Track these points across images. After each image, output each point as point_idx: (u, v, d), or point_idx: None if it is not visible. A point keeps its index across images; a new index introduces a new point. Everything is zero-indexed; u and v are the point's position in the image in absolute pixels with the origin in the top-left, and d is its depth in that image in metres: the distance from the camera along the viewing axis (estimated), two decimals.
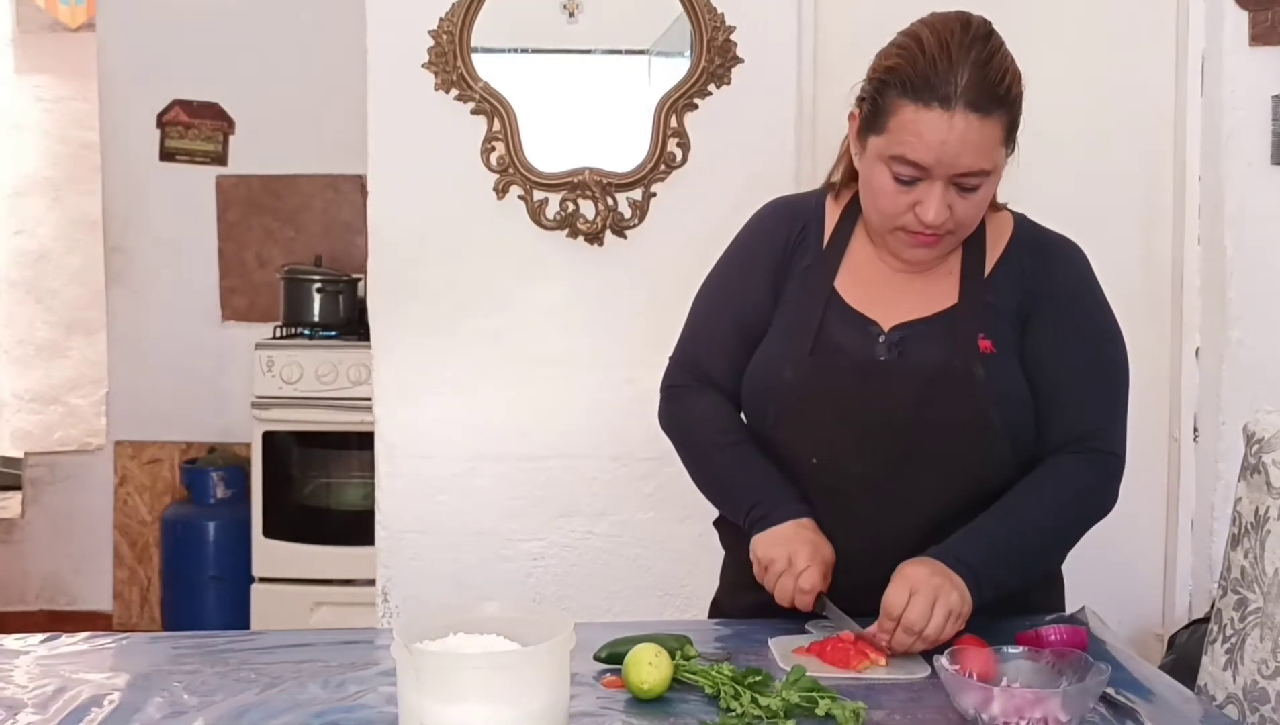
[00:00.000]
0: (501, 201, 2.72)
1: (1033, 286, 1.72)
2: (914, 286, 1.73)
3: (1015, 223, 1.78)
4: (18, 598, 4.70)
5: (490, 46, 2.71)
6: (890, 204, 1.64)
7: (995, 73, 1.58)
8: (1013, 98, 1.61)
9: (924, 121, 1.57)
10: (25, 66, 5.36)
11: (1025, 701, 1.32)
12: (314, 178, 4.48)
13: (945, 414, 1.66)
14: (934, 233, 1.63)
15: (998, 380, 1.66)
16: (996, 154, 1.61)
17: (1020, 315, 1.71)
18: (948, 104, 1.56)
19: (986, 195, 1.64)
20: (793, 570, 1.63)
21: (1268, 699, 1.63)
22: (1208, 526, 2.72)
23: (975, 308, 1.69)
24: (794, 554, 1.64)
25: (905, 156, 1.59)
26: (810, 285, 1.75)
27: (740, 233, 1.88)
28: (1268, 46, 2.65)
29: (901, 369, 1.68)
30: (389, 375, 2.75)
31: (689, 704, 1.43)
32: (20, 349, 5.38)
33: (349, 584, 3.91)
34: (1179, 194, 2.79)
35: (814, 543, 1.66)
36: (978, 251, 1.73)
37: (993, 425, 1.66)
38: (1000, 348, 1.67)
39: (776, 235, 1.80)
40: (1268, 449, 1.71)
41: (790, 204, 1.87)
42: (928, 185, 1.60)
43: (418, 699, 1.26)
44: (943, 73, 1.56)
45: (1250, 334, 2.69)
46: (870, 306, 1.72)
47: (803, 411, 1.71)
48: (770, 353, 1.75)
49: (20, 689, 1.49)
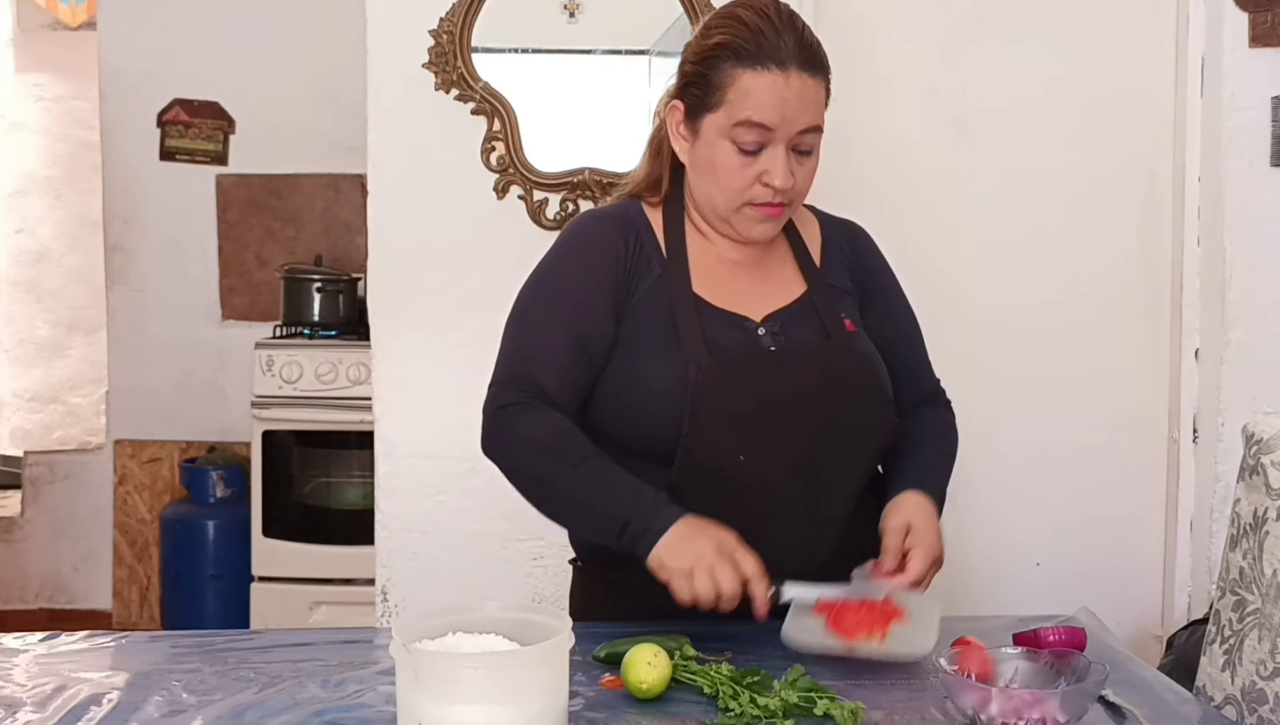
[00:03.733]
0: (501, 201, 2.72)
1: (856, 269, 1.85)
2: (761, 278, 1.78)
3: (814, 213, 1.89)
4: (17, 597, 4.71)
5: (490, 46, 2.71)
6: (736, 178, 1.69)
7: (811, 39, 1.70)
8: (827, 64, 1.71)
9: (764, 83, 1.65)
10: (26, 65, 5.36)
11: (1023, 702, 1.32)
12: (314, 177, 4.49)
13: (843, 386, 1.72)
14: (779, 202, 1.70)
15: (868, 351, 1.77)
16: (823, 114, 1.71)
17: (855, 295, 1.84)
18: (783, 65, 1.65)
19: (815, 163, 1.73)
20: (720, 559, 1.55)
21: (1266, 700, 1.63)
22: (1207, 528, 2.72)
23: (824, 292, 1.79)
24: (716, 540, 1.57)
25: (751, 119, 1.65)
26: (671, 293, 1.72)
27: (563, 246, 1.80)
28: (1267, 48, 2.65)
29: (793, 353, 1.73)
30: (389, 375, 2.75)
31: (687, 704, 1.44)
32: (20, 348, 5.38)
33: (348, 583, 3.92)
34: (1179, 195, 2.79)
35: (716, 529, 1.59)
36: (799, 240, 1.83)
37: (878, 392, 1.75)
38: (857, 326, 1.79)
39: (612, 248, 1.74)
40: (1266, 450, 1.71)
41: (613, 216, 1.80)
42: (771, 152, 1.67)
43: (416, 698, 1.26)
44: (772, 39, 1.66)
45: (1250, 335, 2.69)
46: (734, 303, 1.75)
47: (718, 412, 1.66)
48: (655, 362, 1.69)
49: (19, 688, 1.50)
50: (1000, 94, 2.80)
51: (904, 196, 2.76)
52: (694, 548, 1.57)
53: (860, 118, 2.62)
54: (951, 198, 2.78)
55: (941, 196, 2.79)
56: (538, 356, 1.73)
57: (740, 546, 1.58)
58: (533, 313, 1.77)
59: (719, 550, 1.57)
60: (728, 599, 1.56)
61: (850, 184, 1.95)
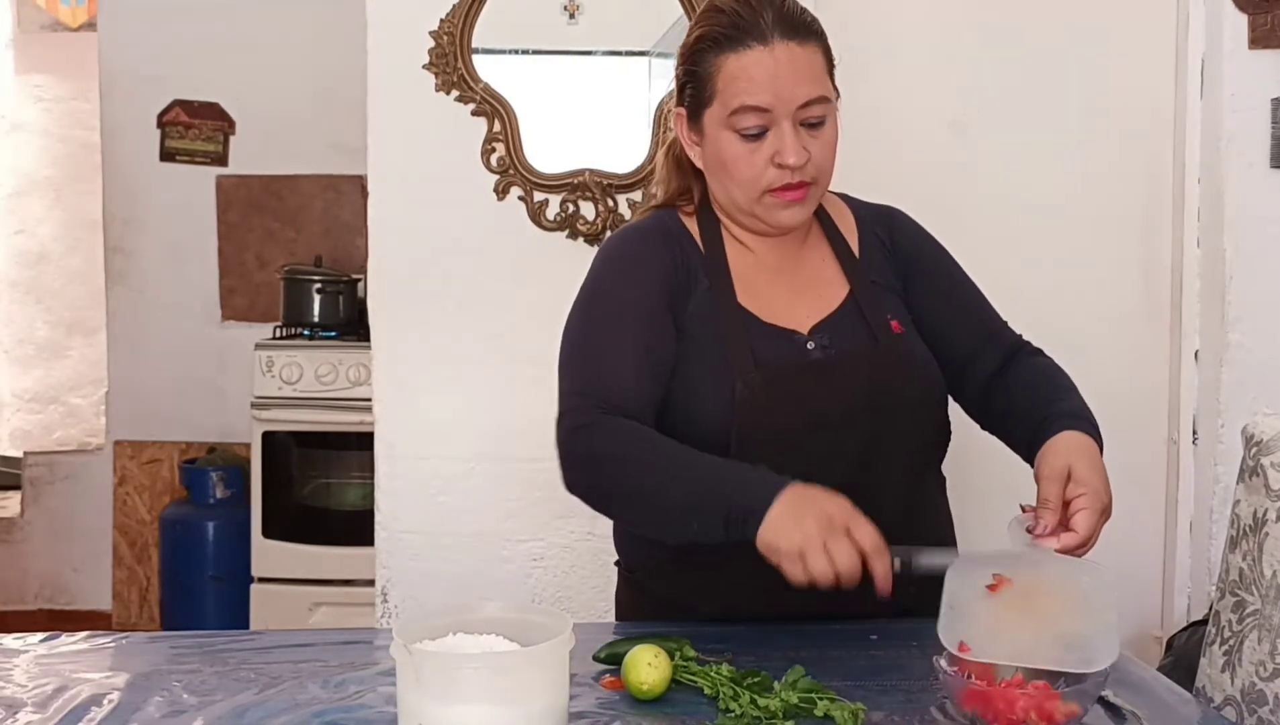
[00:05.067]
0: (502, 202, 2.72)
1: (896, 255, 1.79)
2: (804, 284, 1.74)
3: (848, 202, 1.84)
4: (17, 597, 4.71)
5: (491, 47, 2.71)
6: (748, 167, 1.64)
7: (795, 7, 1.65)
8: (819, 29, 1.66)
9: (749, 62, 1.61)
10: (26, 66, 5.37)
11: (1023, 702, 1.32)
12: (314, 178, 4.49)
13: (894, 391, 1.68)
14: (800, 182, 1.63)
15: (915, 353, 1.72)
16: (827, 84, 1.65)
17: (899, 287, 1.77)
18: (765, 39, 1.61)
19: (833, 135, 1.66)
20: (836, 533, 1.43)
21: (1265, 701, 1.64)
22: (1207, 529, 2.72)
23: (868, 291, 1.74)
24: (826, 514, 1.44)
25: (745, 104, 1.61)
26: (719, 307, 1.68)
27: (611, 265, 1.74)
28: (1267, 49, 2.66)
29: (840, 361, 1.68)
30: (389, 376, 2.75)
31: (688, 704, 1.44)
32: (20, 349, 5.39)
33: (348, 584, 3.92)
34: (1178, 197, 2.79)
35: (829, 496, 1.47)
36: (837, 235, 1.78)
37: (927, 396, 1.71)
38: (904, 325, 1.73)
39: (661, 261, 1.70)
40: (1266, 452, 1.71)
41: (653, 230, 1.75)
42: (776, 132, 1.62)
43: (417, 699, 1.26)
44: (749, 17, 1.62)
45: (1250, 337, 2.69)
46: (780, 316, 1.70)
47: (764, 426, 1.62)
48: (705, 379, 1.65)
49: (20, 688, 1.50)
50: (999, 95, 2.80)
51: (901, 197, 2.74)
52: (802, 526, 1.43)
53: (858, 118, 2.61)
54: (950, 199, 2.77)
55: (940, 198, 2.77)
56: (610, 377, 1.63)
57: (855, 516, 1.45)
58: (597, 334, 1.68)
59: (830, 524, 1.43)
60: (847, 577, 1.43)
61: (848, 185, 1.94)
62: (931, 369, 1.73)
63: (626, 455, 1.58)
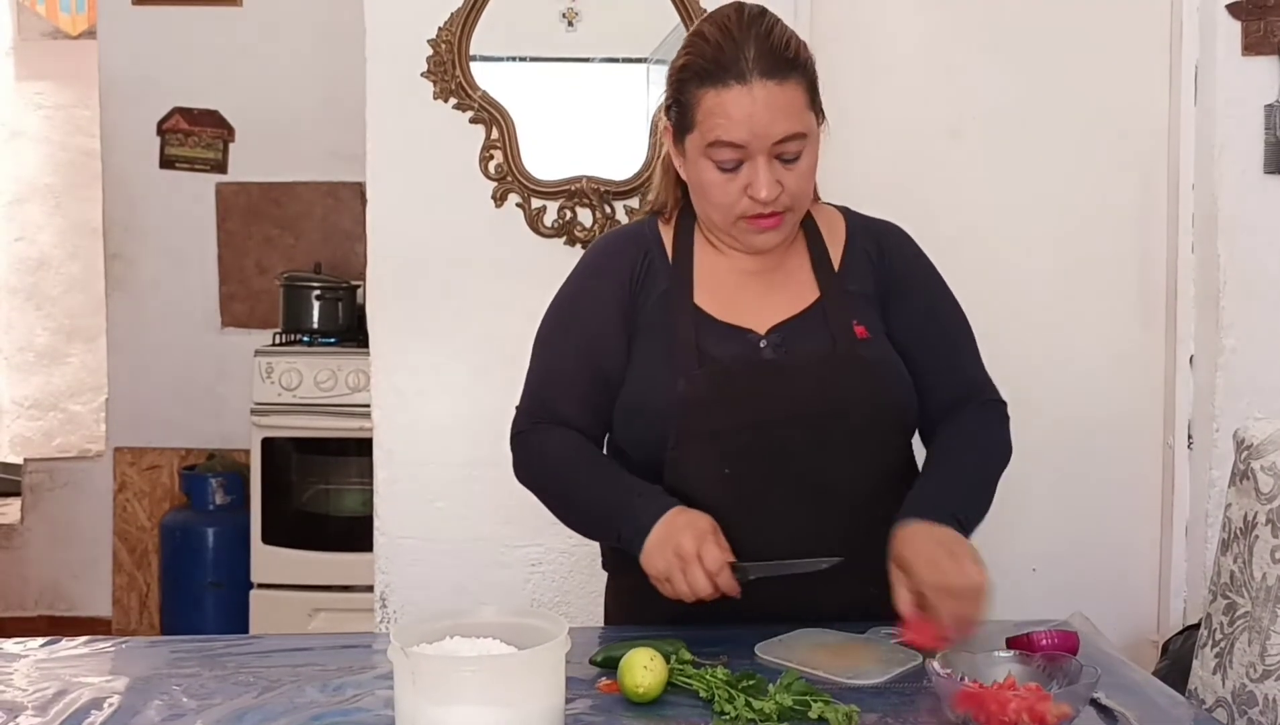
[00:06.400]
0: (499, 209, 2.74)
1: (882, 270, 1.79)
2: (774, 287, 1.75)
3: (844, 214, 1.84)
4: (17, 604, 4.71)
5: (489, 55, 2.72)
6: (723, 195, 1.66)
7: (779, 41, 1.64)
8: (802, 61, 1.66)
9: (728, 100, 1.62)
10: (26, 74, 5.38)
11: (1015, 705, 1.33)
12: (313, 185, 4.50)
13: (844, 397, 1.68)
14: (773, 212, 1.66)
15: (879, 361, 1.72)
16: (806, 118, 1.65)
17: (878, 299, 1.77)
18: (743, 78, 1.61)
19: (810, 165, 1.68)
20: (689, 562, 1.56)
21: (1256, 702, 1.65)
22: (1202, 533, 2.73)
23: (839, 297, 1.74)
24: (679, 547, 1.57)
25: (721, 139, 1.63)
26: (673, 306, 1.72)
27: (580, 270, 1.83)
28: (1260, 56, 2.67)
29: (792, 362, 1.69)
30: (388, 382, 2.76)
31: (684, 707, 1.45)
32: (20, 355, 5.39)
33: (347, 590, 3.91)
34: (1172, 203, 2.80)
35: (689, 523, 1.59)
36: (819, 245, 1.78)
37: (885, 403, 1.71)
38: (872, 332, 1.73)
39: (620, 268, 1.76)
40: (1256, 455, 1.72)
41: (627, 235, 1.84)
42: (751, 165, 1.64)
43: (414, 702, 1.27)
44: (730, 53, 1.62)
45: (1244, 342, 2.70)
46: (739, 316, 1.72)
47: (706, 425, 1.66)
48: (651, 377, 1.70)
49: (20, 692, 1.51)
50: (994, 102, 2.81)
51: (897, 204, 2.75)
52: (664, 554, 1.59)
53: (854, 125, 2.63)
54: (945, 205, 2.79)
55: (935, 204, 2.80)
56: (555, 384, 1.78)
57: (706, 540, 1.57)
58: (552, 340, 1.80)
59: (686, 553, 1.56)
60: (705, 596, 1.57)
61: (843, 192, 1.96)
62: (894, 376, 1.73)
63: (544, 469, 1.78)
